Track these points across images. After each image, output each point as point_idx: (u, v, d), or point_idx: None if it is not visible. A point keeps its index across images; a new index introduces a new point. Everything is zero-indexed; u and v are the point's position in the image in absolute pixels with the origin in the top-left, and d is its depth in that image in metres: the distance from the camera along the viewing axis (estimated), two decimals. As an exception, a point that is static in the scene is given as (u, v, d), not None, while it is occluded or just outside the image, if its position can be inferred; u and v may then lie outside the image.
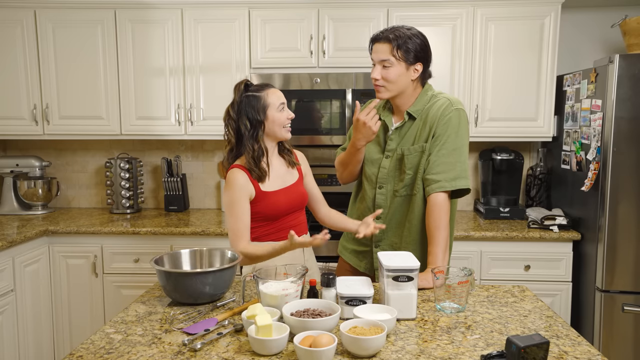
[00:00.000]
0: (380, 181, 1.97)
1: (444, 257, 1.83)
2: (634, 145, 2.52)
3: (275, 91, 1.92)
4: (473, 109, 3.02)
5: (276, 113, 1.88)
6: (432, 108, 1.89)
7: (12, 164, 3.29)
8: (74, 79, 3.11)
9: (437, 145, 1.85)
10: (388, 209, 1.97)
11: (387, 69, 1.84)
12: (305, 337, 1.24)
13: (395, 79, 1.85)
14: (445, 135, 1.84)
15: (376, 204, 1.98)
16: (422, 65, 1.87)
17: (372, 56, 1.89)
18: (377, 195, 1.98)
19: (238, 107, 1.88)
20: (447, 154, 1.84)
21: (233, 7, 3.01)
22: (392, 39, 1.83)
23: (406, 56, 1.83)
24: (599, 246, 2.60)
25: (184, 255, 1.77)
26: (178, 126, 3.12)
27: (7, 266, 2.59)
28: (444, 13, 2.97)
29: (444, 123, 1.85)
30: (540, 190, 3.21)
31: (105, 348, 1.33)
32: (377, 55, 1.85)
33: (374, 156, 2.00)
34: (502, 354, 1.20)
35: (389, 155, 1.95)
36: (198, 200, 3.53)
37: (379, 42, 1.86)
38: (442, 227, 1.83)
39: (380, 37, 1.86)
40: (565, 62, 3.25)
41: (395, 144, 1.95)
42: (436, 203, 1.85)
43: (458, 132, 1.86)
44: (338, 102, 2.99)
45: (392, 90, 1.88)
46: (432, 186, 1.85)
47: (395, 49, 1.82)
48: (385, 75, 1.85)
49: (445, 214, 1.84)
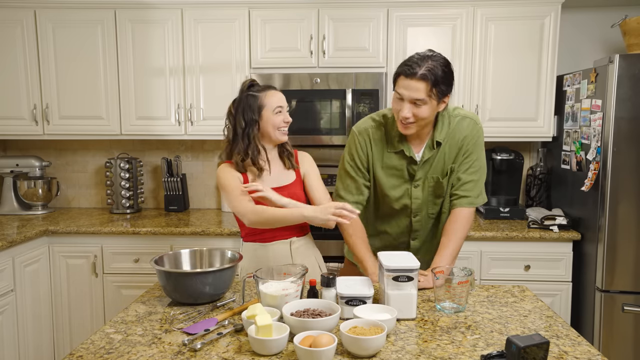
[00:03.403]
0: (415, 210, 1.95)
1: (451, 261, 1.84)
2: (634, 145, 2.52)
3: (275, 94, 1.92)
4: (473, 109, 3.02)
5: (271, 115, 1.89)
6: (457, 129, 1.85)
7: (12, 164, 3.29)
8: (74, 79, 3.11)
9: (467, 163, 1.89)
10: (424, 230, 2.00)
11: (419, 107, 1.70)
12: (305, 337, 1.24)
13: (427, 116, 1.73)
14: (475, 153, 1.89)
15: (413, 229, 1.99)
16: (449, 97, 1.77)
17: (400, 90, 1.71)
18: (413, 223, 1.97)
19: (237, 105, 1.92)
20: (475, 172, 1.90)
21: (233, 7, 3.01)
22: (429, 78, 1.66)
23: (440, 95, 1.71)
24: (599, 246, 2.60)
25: (184, 255, 1.78)
26: (178, 126, 3.12)
27: (7, 266, 2.59)
28: (444, 13, 2.97)
29: (474, 143, 1.88)
30: (540, 190, 3.21)
31: (105, 348, 1.33)
32: (410, 93, 1.68)
33: (398, 187, 1.91)
34: (502, 354, 1.20)
35: (419, 184, 1.91)
36: (198, 200, 3.53)
37: (413, 79, 1.67)
38: (459, 237, 1.87)
39: (415, 73, 1.66)
40: (565, 62, 3.25)
41: (423, 172, 1.89)
42: (462, 215, 1.89)
43: (482, 146, 1.92)
44: (338, 102, 2.99)
45: (422, 125, 1.77)
46: (461, 201, 1.89)
47: (431, 89, 1.68)
48: (417, 113, 1.70)
49: (467, 226, 1.90)
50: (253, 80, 1.96)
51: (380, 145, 1.90)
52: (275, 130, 1.91)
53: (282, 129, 1.92)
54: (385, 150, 1.89)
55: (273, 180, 1.95)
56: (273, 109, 1.89)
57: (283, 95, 1.95)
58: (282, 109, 1.92)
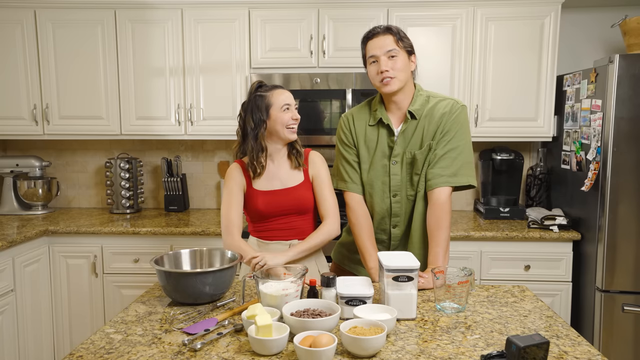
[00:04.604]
0: (394, 189, 1.92)
1: (444, 257, 1.83)
2: (634, 145, 2.52)
3: (282, 92, 1.94)
4: (473, 109, 3.02)
5: (279, 113, 1.90)
6: (437, 107, 1.88)
7: (12, 164, 3.29)
8: (74, 79, 3.11)
9: (445, 140, 1.85)
10: (404, 216, 1.94)
11: (394, 59, 1.81)
12: (305, 337, 1.24)
13: (403, 68, 1.82)
14: (454, 130, 1.85)
15: (393, 214, 1.94)
16: (415, 57, 1.88)
17: (372, 52, 1.83)
18: (392, 204, 1.93)
19: (246, 106, 1.95)
20: (452, 150, 1.85)
21: (233, 7, 3.01)
22: (392, 30, 1.83)
23: (406, 47, 1.84)
24: (599, 246, 2.60)
25: (184, 255, 1.78)
26: (178, 126, 3.12)
27: (7, 266, 2.59)
28: (444, 13, 2.97)
29: (453, 119, 1.85)
30: (540, 190, 3.21)
31: (105, 348, 1.33)
32: (382, 47, 1.81)
33: (379, 163, 1.93)
34: (502, 354, 1.20)
35: (397, 160, 1.90)
36: (198, 200, 3.53)
37: (379, 35, 1.83)
38: (443, 226, 1.83)
39: (379, 30, 1.84)
40: (565, 62, 3.25)
41: (401, 148, 1.90)
42: (438, 201, 1.84)
43: (465, 127, 1.88)
44: (338, 102, 2.99)
45: (402, 80, 1.83)
46: (436, 181, 1.84)
47: (397, 41, 1.82)
48: (394, 65, 1.81)
49: (448, 213, 1.84)
50: (261, 82, 1.99)
51: (363, 121, 1.96)
52: (284, 128, 1.91)
53: (291, 126, 1.92)
54: (367, 125, 1.95)
55: (278, 181, 1.96)
56: (281, 106, 1.90)
57: (290, 94, 1.95)
58: (290, 107, 1.92)
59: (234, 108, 3.05)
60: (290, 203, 1.95)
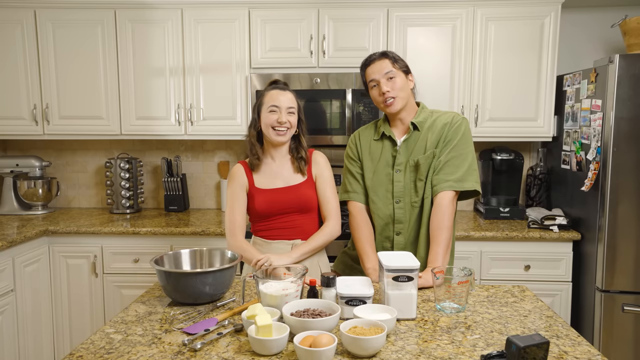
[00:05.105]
0: (397, 195, 1.95)
1: (444, 257, 1.84)
2: (634, 145, 2.52)
3: (275, 93, 1.93)
4: (473, 109, 3.02)
5: (266, 113, 1.92)
6: (439, 119, 1.96)
7: (12, 164, 3.29)
8: (73, 79, 3.11)
9: (448, 147, 1.90)
10: (408, 223, 1.97)
11: (393, 80, 1.90)
12: (305, 337, 1.24)
13: (402, 87, 1.91)
14: (456, 139, 1.91)
15: (396, 220, 1.96)
16: (412, 76, 1.98)
17: (372, 76, 1.93)
18: (395, 210, 1.96)
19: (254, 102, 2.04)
20: (455, 157, 1.90)
21: (233, 7, 3.01)
22: (387, 55, 1.94)
23: (402, 68, 1.95)
24: (599, 246, 2.60)
25: (184, 255, 1.78)
26: (178, 126, 3.12)
27: (7, 266, 2.59)
28: (444, 13, 2.97)
29: (454, 129, 1.92)
30: (540, 190, 3.21)
31: (105, 348, 1.33)
32: (380, 71, 1.91)
33: (383, 172, 1.98)
34: (502, 354, 1.20)
35: (400, 169, 1.95)
36: (198, 200, 3.53)
37: (376, 61, 1.93)
38: (445, 227, 1.86)
39: (375, 57, 1.94)
40: (565, 62, 3.25)
41: (404, 157, 1.95)
42: (442, 203, 1.87)
43: (467, 137, 1.94)
44: (338, 102, 2.99)
45: (403, 98, 1.92)
46: (441, 185, 1.89)
47: (393, 63, 1.92)
48: (393, 86, 1.90)
49: (450, 215, 1.88)
50: (276, 80, 2.03)
51: (368, 137, 2.05)
52: (269, 128, 1.92)
53: (277, 128, 1.91)
54: (372, 140, 2.03)
55: (280, 180, 1.97)
56: (267, 107, 1.90)
57: (287, 98, 1.93)
58: (278, 109, 1.90)
59: (234, 108, 3.05)
60: (292, 201, 1.96)
